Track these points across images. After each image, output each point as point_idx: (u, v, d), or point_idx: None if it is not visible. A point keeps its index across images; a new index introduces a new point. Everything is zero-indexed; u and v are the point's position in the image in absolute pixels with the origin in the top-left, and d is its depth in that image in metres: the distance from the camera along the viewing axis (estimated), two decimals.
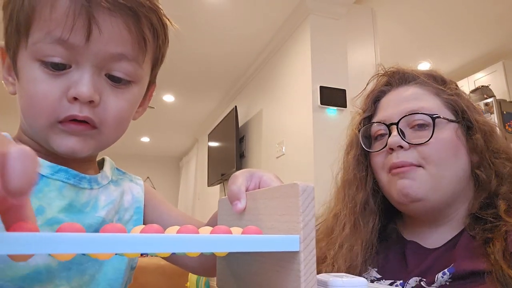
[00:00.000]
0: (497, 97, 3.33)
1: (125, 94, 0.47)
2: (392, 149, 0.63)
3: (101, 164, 0.58)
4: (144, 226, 0.30)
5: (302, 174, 2.40)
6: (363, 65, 2.77)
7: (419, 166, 0.61)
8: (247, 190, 0.43)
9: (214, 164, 4.25)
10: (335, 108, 2.50)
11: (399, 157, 0.62)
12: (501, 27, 3.31)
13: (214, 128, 4.37)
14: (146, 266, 2.43)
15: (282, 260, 0.32)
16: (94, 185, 0.51)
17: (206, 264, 0.60)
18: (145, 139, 6.57)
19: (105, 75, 0.45)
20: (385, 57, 3.29)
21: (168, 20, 0.52)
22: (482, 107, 3.26)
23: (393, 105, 0.67)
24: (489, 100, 3.24)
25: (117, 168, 0.61)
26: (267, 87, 3.34)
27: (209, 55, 3.46)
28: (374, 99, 0.73)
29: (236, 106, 3.65)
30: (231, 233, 0.31)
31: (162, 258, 0.64)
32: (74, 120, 0.44)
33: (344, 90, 2.54)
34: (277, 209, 0.34)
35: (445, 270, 0.54)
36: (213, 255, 0.34)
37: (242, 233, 0.32)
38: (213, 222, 0.53)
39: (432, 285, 0.55)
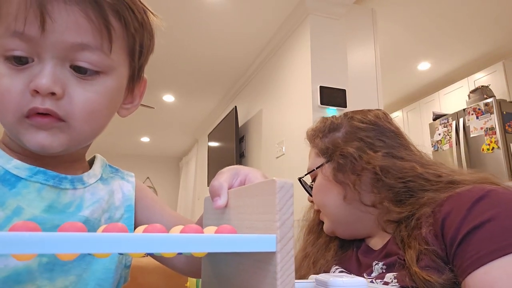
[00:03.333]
0: (497, 97, 3.33)
1: (94, 86, 0.45)
2: None
3: (92, 163, 0.57)
4: (147, 225, 0.29)
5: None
6: (363, 65, 2.77)
7: (320, 210, 0.75)
8: (231, 187, 0.42)
9: (214, 164, 4.25)
10: (335, 108, 2.50)
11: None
12: (501, 27, 3.31)
13: (214, 128, 4.36)
14: (145, 266, 2.43)
15: (259, 260, 0.30)
16: (78, 185, 0.50)
17: (194, 265, 0.59)
18: (145, 139, 6.57)
19: (70, 66, 0.44)
20: (384, 57, 3.30)
21: (148, 9, 0.51)
22: (482, 107, 3.26)
23: None
24: (489, 100, 3.24)
25: (109, 165, 0.59)
26: (267, 87, 3.34)
27: (209, 55, 3.46)
28: None
29: (236, 106, 3.65)
30: (203, 233, 0.30)
31: (153, 258, 0.63)
32: (39, 113, 0.43)
33: (344, 90, 2.54)
34: (256, 207, 0.32)
35: (380, 261, 0.63)
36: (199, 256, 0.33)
37: (216, 232, 0.31)
38: (201, 222, 0.53)
39: (372, 274, 0.63)
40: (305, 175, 0.77)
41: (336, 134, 0.73)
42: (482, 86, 3.48)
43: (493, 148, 3.14)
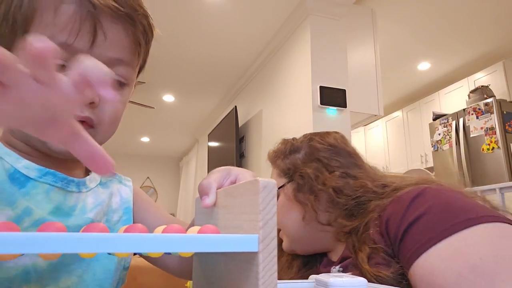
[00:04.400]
0: (497, 97, 3.33)
1: (120, 97, 0.49)
2: None
3: None
4: (127, 226, 0.30)
5: None
6: (363, 65, 2.77)
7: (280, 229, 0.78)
8: (221, 187, 0.42)
9: (214, 164, 4.24)
10: (335, 108, 2.50)
11: None
12: (501, 27, 3.31)
13: (214, 128, 4.36)
14: (145, 266, 2.43)
15: (243, 261, 0.30)
16: (82, 188, 0.51)
17: (186, 267, 0.60)
18: (145, 139, 6.56)
19: None
20: (384, 57, 3.30)
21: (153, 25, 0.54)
22: (482, 107, 3.26)
23: None
24: (489, 100, 3.23)
25: None
26: (267, 87, 3.34)
27: (209, 55, 3.46)
28: None
29: (236, 106, 3.65)
30: (184, 232, 0.29)
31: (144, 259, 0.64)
32: None
33: (344, 90, 2.53)
34: (242, 207, 0.32)
35: (337, 265, 0.69)
36: (190, 257, 0.33)
37: (198, 232, 0.31)
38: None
39: None
40: None
41: (296, 155, 0.78)
42: (482, 86, 3.48)
43: (493, 148, 3.14)
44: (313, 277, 0.42)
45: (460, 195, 0.59)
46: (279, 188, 0.77)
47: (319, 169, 0.73)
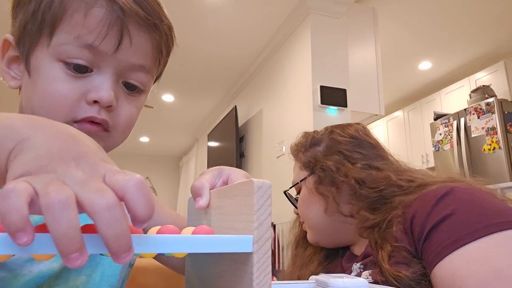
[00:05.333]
0: (499, 97, 3.32)
1: (135, 102, 0.50)
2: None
3: None
4: (160, 227, 0.30)
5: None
6: (364, 65, 2.76)
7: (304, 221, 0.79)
8: (214, 187, 0.42)
9: (214, 164, 4.21)
10: (335, 107, 2.49)
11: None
12: (502, 26, 3.30)
13: (214, 128, 4.35)
14: (145, 266, 2.42)
15: (237, 261, 0.30)
16: None
17: None
18: (145, 139, 6.56)
19: (122, 82, 0.48)
20: (385, 57, 3.28)
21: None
22: (483, 107, 3.25)
23: None
24: (490, 100, 3.22)
25: None
26: (267, 87, 3.33)
27: (209, 54, 3.45)
28: None
29: (236, 106, 3.64)
30: (179, 233, 0.30)
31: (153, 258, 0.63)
32: (91, 121, 0.46)
33: (345, 90, 2.52)
34: (235, 208, 0.32)
35: (358, 262, 0.68)
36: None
37: (193, 232, 0.31)
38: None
39: (351, 274, 0.67)
40: (290, 188, 0.81)
41: (317, 148, 0.78)
42: (483, 85, 3.47)
43: (494, 148, 3.13)
44: (313, 277, 0.41)
45: (491, 197, 0.57)
46: (300, 181, 0.77)
47: (340, 161, 0.72)
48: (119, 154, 6.84)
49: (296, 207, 0.82)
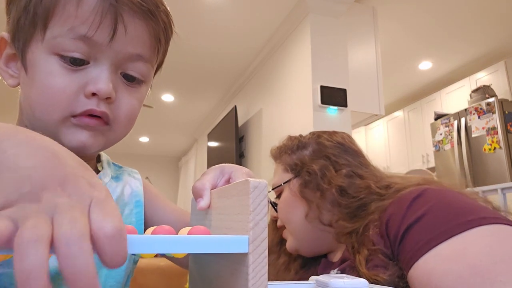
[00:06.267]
0: (499, 97, 3.31)
1: (136, 93, 0.49)
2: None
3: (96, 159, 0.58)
4: (156, 227, 0.30)
5: None
6: (364, 65, 2.75)
7: (285, 227, 0.77)
8: (216, 187, 0.42)
9: (214, 164, 4.18)
10: (335, 107, 2.48)
11: (278, 222, 0.79)
12: (503, 26, 3.29)
13: (214, 128, 4.35)
14: (145, 267, 2.41)
15: (234, 261, 0.30)
16: None
17: None
18: (144, 139, 6.55)
19: (120, 73, 0.46)
20: (385, 56, 3.28)
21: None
22: (484, 106, 3.24)
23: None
24: (490, 100, 3.21)
25: (113, 163, 0.61)
26: (267, 87, 3.32)
27: (208, 54, 3.45)
28: None
29: (235, 106, 3.63)
30: (175, 233, 0.30)
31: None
32: (90, 115, 0.44)
33: (345, 90, 2.51)
34: (234, 208, 0.32)
35: (335, 268, 0.68)
36: None
37: (189, 233, 0.31)
38: None
39: None
40: (272, 189, 0.80)
41: (304, 151, 0.78)
42: (483, 85, 3.46)
43: (494, 148, 3.12)
44: (313, 278, 0.40)
45: (462, 196, 0.59)
46: (284, 183, 0.77)
47: (326, 167, 0.73)
48: (118, 154, 6.83)
49: (276, 210, 0.81)
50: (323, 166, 0.73)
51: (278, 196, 0.79)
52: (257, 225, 0.28)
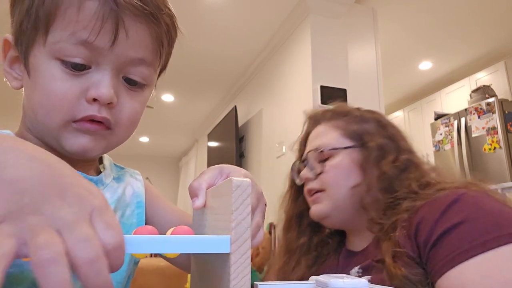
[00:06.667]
0: (499, 97, 3.31)
1: (138, 97, 0.48)
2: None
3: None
4: (138, 227, 0.31)
5: None
6: (364, 65, 2.76)
7: (322, 190, 0.73)
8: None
9: (214, 164, 4.22)
10: None
11: (308, 186, 0.76)
12: (502, 26, 3.29)
13: (214, 128, 4.35)
14: (145, 267, 2.41)
15: (220, 261, 0.30)
16: (99, 186, 0.52)
17: None
18: (144, 139, 6.55)
19: (122, 77, 0.46)
20: (385, 57, 3.28)
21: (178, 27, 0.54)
22: (484, 106, 3.24)
23: (308, 145, 0.80)
24: (490, 100, 3.21)
25: (115, 164, 0.61)
26: (267, 87, 3.32)
27: (209, 54, 3.45)
28: (304, 141, 0.85)
29: (235, 106, 3.63)
30: (157, 234, 0.30)
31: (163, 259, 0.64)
32: (91, 120, 0.44)
33: (345, 90, 2.52)
34: (221, 208, 0.32)
35: (357, 266, 0.66)
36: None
37: (172, 233, 0.31)
38: None
39: None
40: (328, 150, 0.74)
41: (366, 125, 0.75)
42: (483, 85, 3.46)
43: (495, 148, 3.12)
44: (313, 278, 0.40)
45: (501, 205, 0.56)
46: (345, 148, 0.73)
47: (389, 147, 0.71)
48: (118, 155, 6.82)
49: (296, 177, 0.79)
50: (387, 145, 0.71)
51: (325, 159, 0.75)
52: (239, 224, 0.27)
